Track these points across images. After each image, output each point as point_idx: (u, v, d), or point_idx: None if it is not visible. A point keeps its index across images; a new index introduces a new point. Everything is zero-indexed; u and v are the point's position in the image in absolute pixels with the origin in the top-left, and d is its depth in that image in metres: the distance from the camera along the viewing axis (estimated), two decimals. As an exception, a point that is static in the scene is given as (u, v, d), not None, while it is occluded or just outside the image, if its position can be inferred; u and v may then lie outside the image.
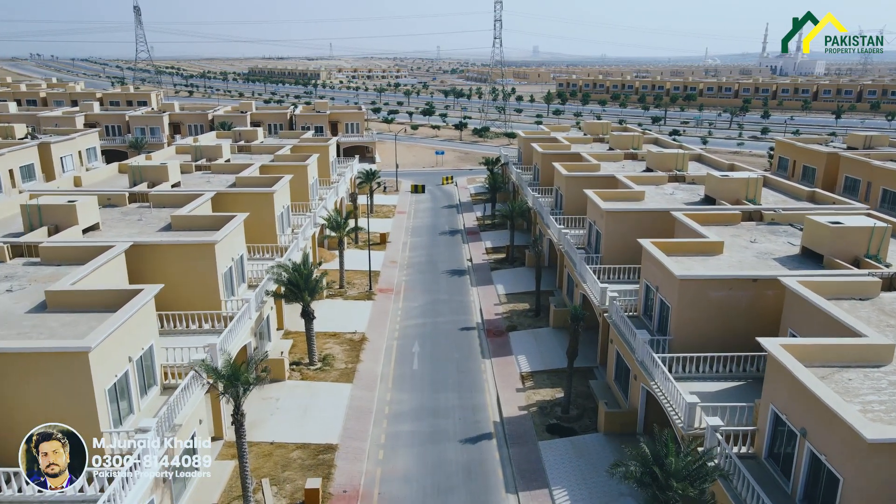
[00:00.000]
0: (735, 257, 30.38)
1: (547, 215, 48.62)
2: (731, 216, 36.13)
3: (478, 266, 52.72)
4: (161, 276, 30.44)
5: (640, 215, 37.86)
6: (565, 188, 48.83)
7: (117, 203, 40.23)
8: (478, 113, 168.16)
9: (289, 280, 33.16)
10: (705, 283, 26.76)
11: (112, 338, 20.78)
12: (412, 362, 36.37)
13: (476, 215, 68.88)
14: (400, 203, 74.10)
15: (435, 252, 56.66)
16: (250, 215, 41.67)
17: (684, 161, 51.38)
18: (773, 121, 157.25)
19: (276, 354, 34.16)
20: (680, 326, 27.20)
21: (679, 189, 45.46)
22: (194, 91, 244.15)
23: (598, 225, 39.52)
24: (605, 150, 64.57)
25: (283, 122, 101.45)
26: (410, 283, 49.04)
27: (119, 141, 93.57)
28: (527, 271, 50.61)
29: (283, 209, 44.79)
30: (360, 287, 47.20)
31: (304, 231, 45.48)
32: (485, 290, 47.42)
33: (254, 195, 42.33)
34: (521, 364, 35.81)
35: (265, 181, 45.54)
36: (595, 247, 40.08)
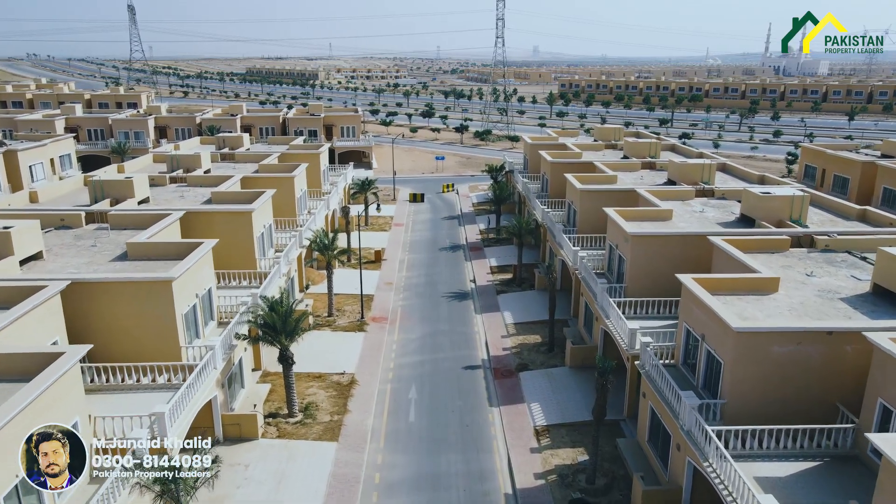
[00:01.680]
0: (795, 297, 25.38)
1: (559, 233, 43.61)
2: (779, 242, 31.09)
3: (482, 289, 47.66)
4: (105, 321, 25.59)
5: (671, 240, 32.88)
6: (579, 203, 43.82)
7: (72, 224, 35.23)
8: (479, 114, 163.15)
9: (264, 322, 28.14)
10: (768, 337, 21.77)
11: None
12: (408, 412, 31.35)
13: (479, 228, 63.84)
14: (397, 214, 69.04)
15: (435, 271, 51.62)
16: (226, 237, 36.71)
17: (711, 172, 46.37)
18: (785, 123, 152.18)
19: (249, 407, 29.16)
20: (736, 388, 22.09)
21: (708, 206, 40.45)
22: (189, 92, 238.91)
23: (621, 249, 34.52)
24: (618, 158, 59.59)
25: (276, 126, 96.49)
26: (407, 309, 43.99)
27: (101, 146, 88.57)
28: (537, 295, 45.58)
29: (265, 228, 39.79)
30: (351, 315, 42.16)
31: (289, 253, 40.45)
32: (490, 318, 42.38)
33: (230, 214, 37.34)
34: (535, 415, 30.78)
35: (244, 197, 40.52)
36: (618, 274, 35.06)
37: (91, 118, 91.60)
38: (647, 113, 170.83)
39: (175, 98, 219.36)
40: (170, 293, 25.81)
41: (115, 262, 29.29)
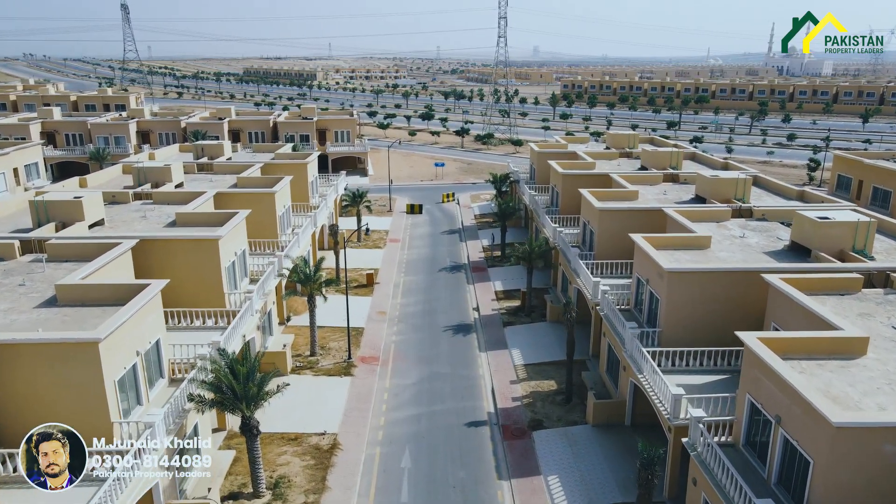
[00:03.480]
0: (891, 364, 20.02)
1: (574, 258, 38.22)
2: (850, 282, 25.59)
3: (487, 319, 42.21)
4: (15, 389, 20.25)
5: (716, 277, 27.45)
6: (598, 223, 38.47)
7: (4, 255, 29.79)
8: (480, 116, 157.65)
9: (217, 386, 22.71)
10: (881, 435, 16.38)
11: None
12: (400, 488, 25.89)
13: (482, 244, 58.39)
14: (393, 228, 63.60)
15: (434, 297, 46.17)
16: (189, 269, 31.55)
17: (746, 188, 41.03)
18: (797, 125, 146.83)
19: (202, 489, 23.70)
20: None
21: (749, 229, 35.02)
22: (184, 92, 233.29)
23: (653, 286, 29.11)
24: (635, 168, 54.22)
25: (266, 130, 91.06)
26: (402, 346, 38.53)
27: (79, 152, 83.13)
28: (549, 329, 40.17)
29: (236, 256, 34.38)
30: (338, 353, 36.73)
31: (264, 284, 35.04)
32: (497, 357, 36.96)
33: (192, 243, 31.88)
34: (554, 493, 25.35)
35: (215, 219, 35.12)
36: (649, 315, 29.65)
37: (69, 122, 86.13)
38: (653, 115, 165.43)
39: (169, 99, 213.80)
40: (96, 357, 20.30)
41: (41, 310, 23.90)
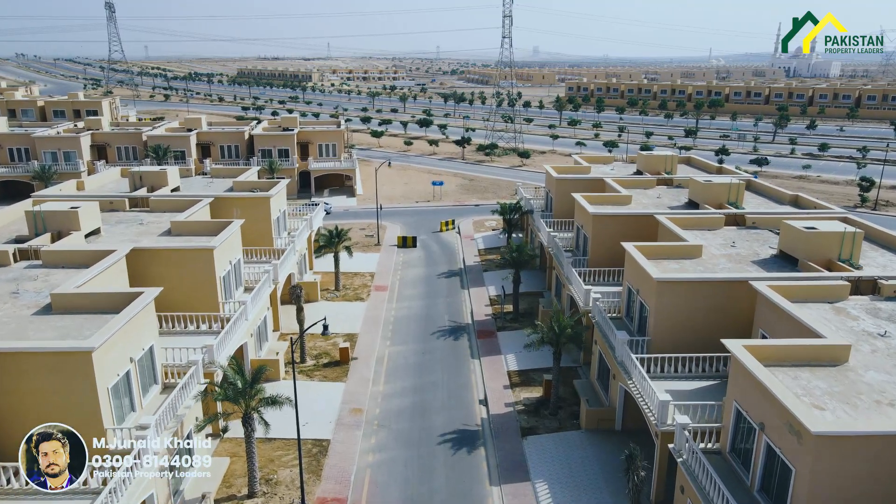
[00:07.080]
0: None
1: (624, 350, 27.23)
2: None
3: (499, 424, 31.02)
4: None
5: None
6: (656, 299, 27.52)
7: None
8: (482, 121, 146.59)
9: None
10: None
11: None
12: None
13: (489, 294, 47.20)
14: (380, 269, 52.47)
15: (428, 382, 35.02)
16: (62, 385, 20.68)
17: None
18: (823, 131, 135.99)
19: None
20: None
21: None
22: (171, 95, 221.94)
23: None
24: (681, 201, 43.32)
25: (240, 144, 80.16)
26: (381, 476, 27.35)
27: (22, 170, 72.16)
28: (584, 438, 29.13)
29: (143, 351, 23.31)
30: (286, 494, 25.60)
31: (174, 407, 23.90)
32: (516, 492, 25.90)
33: (58, 357, 20.74)
34: None
35: (112, 302, 23.95)
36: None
37: (11, 135, 75.02)
38: (666, 120, 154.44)
39: (155, 102, 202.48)
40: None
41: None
